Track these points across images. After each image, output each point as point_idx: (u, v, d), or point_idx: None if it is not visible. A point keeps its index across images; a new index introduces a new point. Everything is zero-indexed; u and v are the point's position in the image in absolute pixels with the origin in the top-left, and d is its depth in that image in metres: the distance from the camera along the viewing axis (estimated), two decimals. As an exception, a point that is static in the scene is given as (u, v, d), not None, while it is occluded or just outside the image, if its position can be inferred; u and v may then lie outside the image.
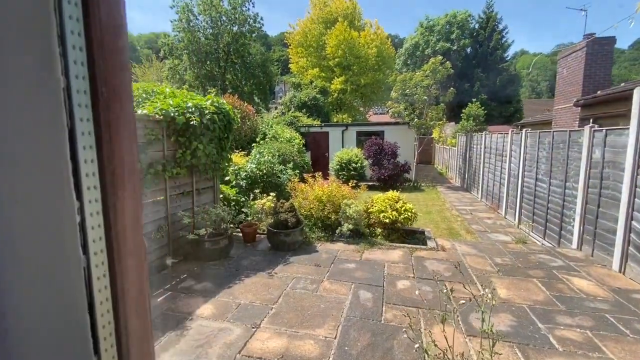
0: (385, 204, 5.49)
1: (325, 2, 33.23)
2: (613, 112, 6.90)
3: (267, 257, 4.52)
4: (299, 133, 15.84)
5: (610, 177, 4.40)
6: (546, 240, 6.13)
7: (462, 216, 8.52)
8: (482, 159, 10.58)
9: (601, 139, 4.59)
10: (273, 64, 49.07)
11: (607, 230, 4.44)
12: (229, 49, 39.87)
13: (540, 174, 6.49)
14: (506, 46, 27.77)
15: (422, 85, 12.91)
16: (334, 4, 32.28)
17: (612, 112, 6.79)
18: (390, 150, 12.97)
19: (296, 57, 36.52)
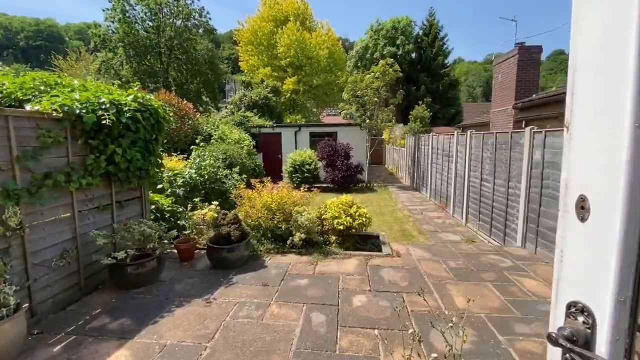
0: (339, 210, 5.18)
1: (276, 0, 32.52)
2: (544, 115, 7.41)
3: (206, 279, 3.91)
4: (250, 134, 15.08)
5: (551, 177, 4.57)
6: (492, 238, 6.33)
7: (413, 216, 8.60)
8: (430, 159, 10.90)
9: (541, 140, 4.76)
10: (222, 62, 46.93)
11: (548, 229, 4.60)
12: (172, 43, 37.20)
13: (485, 174, 6.71)
14: (447, 53, 29.65)
15: (373, 87, 13.01)
16: (284, 2, 31.73)
17: (543, 115, 7.27)
18: (343, 152, 12.85)
19: (246, 56, 35.27)
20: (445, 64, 30.13)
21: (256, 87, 23.50)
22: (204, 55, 38.78)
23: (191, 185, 5.72)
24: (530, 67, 11.24)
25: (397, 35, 30.48)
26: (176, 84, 37.26)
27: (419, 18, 40.19)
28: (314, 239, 4.88)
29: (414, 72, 29.68)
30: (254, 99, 21.71)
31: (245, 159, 9.97)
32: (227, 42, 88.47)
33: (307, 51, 31.74)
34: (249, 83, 24.57)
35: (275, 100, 23.35)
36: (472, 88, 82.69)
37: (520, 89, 11.41)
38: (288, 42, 31.17)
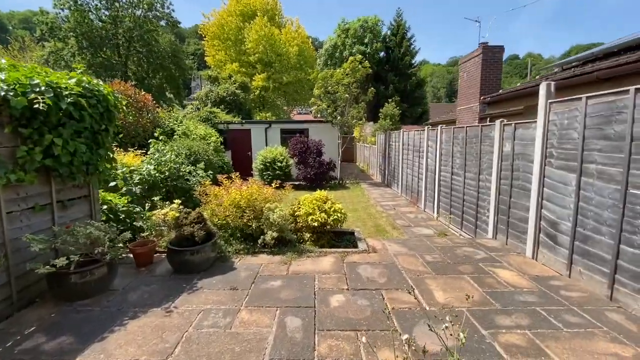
0: (313, 206, 4.94)
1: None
2: (508, 112, 7.66)
3: (167, 285, 3.51)
4: (217, 130, 14.43)
5: (520, 169, 4.64)
6: (464, 231, 6.42)
7: (386, 212, 8.58)
8: (401, 155, 10.99)
9: (511, 132, 4.83)
10: (187, 57, 44.74)
11: (519, 219, 4.68)
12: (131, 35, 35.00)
13: (456, 167, 6.79)
14: (414, 53, 30.46)
15: (343, 83, 12.91)
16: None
17: (508, 112, 7.50)
18: (315, 149, 12.64)
19: (212, 50, 33.97)
20: (413, 63, 30.95)
21: (223, 83, 22.62)
22: (167, 49, 36.91)
23: (150, 183, 5.20)
24: (493, 66, 11.69)
25: (366, 34, 30.83)
26: (136, 78, 35.12)
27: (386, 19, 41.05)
28: (287, 237, 4.61)
29: (382, 71, 30.17)
30: (221, 95, 20.86)
31: (212, 155, 9.42)
32: (193, 37, 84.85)
33: (277, 47, 31.18)
34: (215, 78, 23.60)
35: (243, 97, 22.62)
36: (436, 89, 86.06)
37: (485, 87, 11.82)
38: (257, 38, 30.41)
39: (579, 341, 2.45)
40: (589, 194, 3.43)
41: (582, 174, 3.52)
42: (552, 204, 3.99)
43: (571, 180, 3.68)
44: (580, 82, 4.16)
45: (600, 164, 3.29)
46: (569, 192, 3.72)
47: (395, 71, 29.65)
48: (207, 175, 6.19)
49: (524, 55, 79.00)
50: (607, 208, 3.20)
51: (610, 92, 3.13)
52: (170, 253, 3.77)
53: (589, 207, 3.43)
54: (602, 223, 3.26)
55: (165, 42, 38.22)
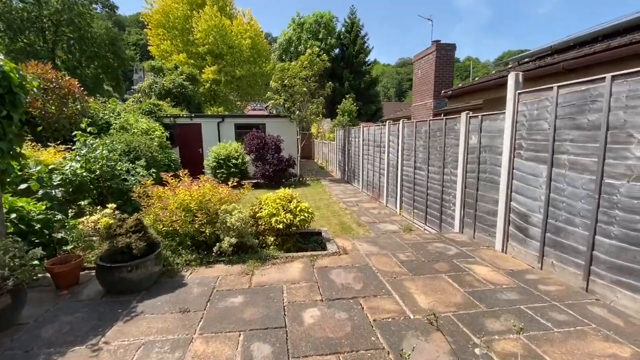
0: (277, 206, 4.43)
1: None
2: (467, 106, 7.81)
3: (96, 312, 2.78)
4: (162, 125, 13.09)
5: (488, 161, 4.59)
6: (428, 225, 6.36)
7: (349, 209, 8.33)
8: (361, 151, 10.86)
9: (477, 125, 4.77)
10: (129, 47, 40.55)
11: (487, 213, 4.64)
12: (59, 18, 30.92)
13: (419, 162, 6.71)
14: (368, 51, 30.92)
15: (301, 76, 12.44)
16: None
17: (468, 105, 7.64)
18: (274, 144, 12.02)
19: (156, 40, 31.23)
20: (367, 61, 31.42)
21: (169, 74, 20.79)
22: (103, 36, 33.22)
23: (76, 184, 4.26)
24: (446, 63, 12.09)
25: (320, 29, 30.57)
26: (66, 67, 31.12)
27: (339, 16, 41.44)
28: (247, 242, 4.04)
29: (338, 68, 30.17)
30: (167, 87, 19.14)
31: (156, 152, 8.37)
32: (134, 26, 77.72)
33: (228, 39, 29.61)
34: (159, 69, 21.61)
35: (192, 90, 21.02)
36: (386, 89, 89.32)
37: (438, 84, 12.19)
38: (206, 28, 28.57)
39: (574, 342, 2.30)
40: (561, 185, 3.40)
41: (554, 165, 3.48)
42: (522, 196, 3.96)
43: (542, 171, 3.65)
44: (545, 73, 4.21)
45: (572, 155, 3.25)
46: (539, 184, 3.68)
47: (350, 68, 29.82)
48: (149, 174, 5.33)
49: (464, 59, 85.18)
50: (580, 199, 3.17)
51: (583, 81, 3.09)
52: (101, 271, 3.02)
53: (561, 199, 3.40)
54: (575, 214, 3.23)
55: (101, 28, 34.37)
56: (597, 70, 3.79)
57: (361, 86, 30.05)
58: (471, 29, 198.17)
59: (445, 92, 6.51)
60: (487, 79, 5.14)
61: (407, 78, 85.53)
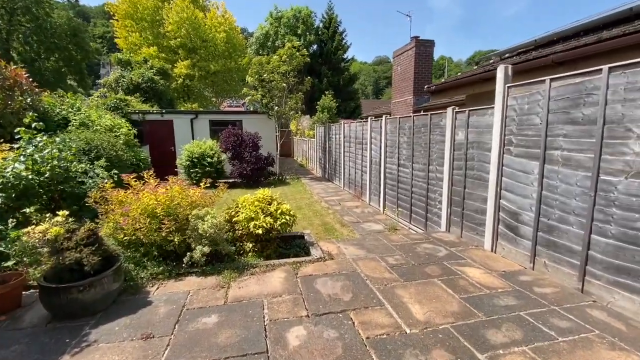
0: (256, 208, 4.06)
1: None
2: (451, 102, 7.72)
3: (39, 343, 2.32)
4: (130, 122, 12.25)
5: (476, 158, 4.44)
6: (413, 224, 6.20)
7: (332, 208, 8.06)
8: (342, 148, 10.61)
9: (464, 120, 4.61)
10: (95, 40, 37.99)
11: (475, 211, 4.50)
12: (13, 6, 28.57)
13: (403, 159, 6.53)
14: (346, 47, 30.77)
15: (280, 71, 12.00)
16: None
17: (451, 101, 7.54)
18: (251, 142, 11.52)
19: (124, 32, 29.53)
20: (345, 58, 31.25)
21: (137, 68, 19.62)
22: (64, 26, 30.97)
23: (19, 189, 3.69)
24: (425, 59, 12.04)
25: (299, 24, 30.06)
26: (22, 59, 28.81)
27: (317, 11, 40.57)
28: (223, 250, 3.66)
29: (316, 64, 29.82)
30: (135, 81, 18.03)
31: (122, 151, 7.71)
32: (100, 18, 73.43)
33: (201, 32, 28.49)
34: (127, 62, 20.35)
35: (164, 84, 19.96)
36: (364, 87, 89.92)
37: (418, 80, 12.14)
38: (177, 20, 27.33)
39: (582, 354, 2.13)
40: (553, 182, 3.27)
41: (546, 161, 3.35)
42: (512, 193, 3.82)
43: (533, 168, 3.51)
44: (533, 67, 4.11)
45: (566, 150, 3.12)
46: (530, 181, 3.55)
47: (328, 65, 29.56)
48: (110, 175, 4.78)
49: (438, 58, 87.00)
50: (575, 196, 3.04)
51: (578, 73, 2.95)
52: (44, 293, 2.55)
53: (554, 196, 3.27)
54: (569, 212, 3.10)
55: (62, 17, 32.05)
56: (587, 63, 3.71)
57: (340, 83, 29.89)
58: (443, 29, 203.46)
59: (429, 87, 6.37)
60: (472, 73, 5.02)
61: (384, 76, 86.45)
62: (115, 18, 29.51)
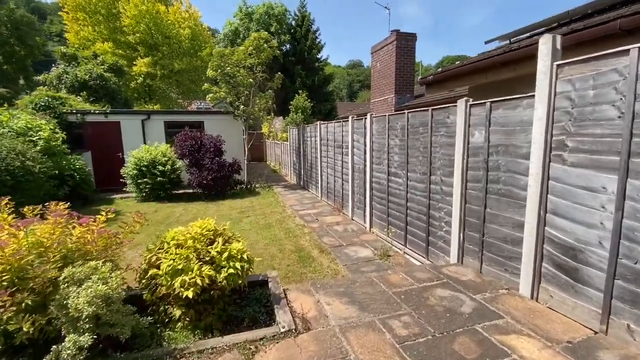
0: (187, 252, 2.61)
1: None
2: (451, 96, 6.61)
3: None
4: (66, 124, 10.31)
5: (502, 167, 3.25)
6: (410, 248, 4.96)
7: (308, 225, 6.69)
8: (319, 152, 9.29)
9: (483, 116, 3.42)
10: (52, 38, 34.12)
11: (502, 239, 3.30)
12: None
13: (394, 166, 5.30)
14: (320, 47, 29.56)
15: (246, 64, 10.50)
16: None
17: (452, 96, 6.42)
18: (213, 146, 9.91)
19: (75, 26, 26.68)
20: (319, 58, 30.08)
21: (84, 63, 17.32)
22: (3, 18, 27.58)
23: None
24: (407, 54, 11.03)
25: (272, 22, 28.53)
26: (-52, 53, 25.17)
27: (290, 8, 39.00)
28: (122, 333, 2.18)
29: (289, 63, 28.41)
30: (81, 78, 15.79)
31: (34, 161, 5.93)
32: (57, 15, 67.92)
33: (164, 28, 26.30)
34: (73, 57, 17.97)
35: (117, 82, 17.76)
36: (338, 89, 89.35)
37: (400, 77, 11.10)
38: (136, 14, 24.98)
39: None
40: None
41: (630, 174, 2.18)
42: (566, 220, 2.64)
43: (605, 184, 2.34)
44: (584, 39, 3.00)
45: (679, 159, 1.95)
46: (600, 203, 2.38)
47: (302, 64, 28.20)
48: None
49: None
50: (702, 234, 1.87)
51: None
52: None
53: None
54: (687, 258, 1.93)
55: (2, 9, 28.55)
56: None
57: (315, 84, 28.63)
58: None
59: (424, 78, 5.21)
60: (487, 56, 3.88)
61: (357, 80, 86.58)
62: (65, 10, 26.64)
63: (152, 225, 7.01)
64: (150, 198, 9.56)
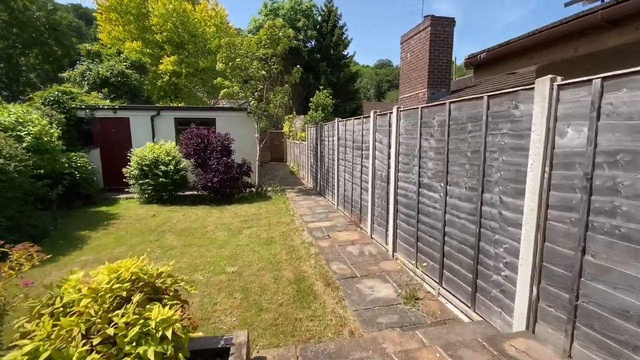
0: (74, 326, 1.52)
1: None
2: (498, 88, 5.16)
3: None
4: (76, 120, 9.87)
5: (623, 190, 1.88)
6: (445, 288, 3.64)
7: (316, 243, 5.50)
8: (336, 154, 8.08)
9: (587, 103, 2.06)
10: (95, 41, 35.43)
11: (616, 311, 1.93)
12: (-12, -4, 26.42)
13: (427, 176, 3.99)
14: (346, 43, 28.27)
15: (258, 55, 9.51)
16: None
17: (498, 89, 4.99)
18: (220, 145, 9.01)
19: (108, 26, 27.30)
20: (346, 54, 28.80)
21: (107, 60, 17.25)
22: (42, 19, 28.74)
23: None
24: (443, 42, 9.53)
25: (299, 17, 27.62)
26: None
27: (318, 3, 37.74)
28: None
29: (313, 60, 27.39)
30: (103, 75, 15.62)
31: (12, 159, 5.23)
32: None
33: (190, 26, 26.27)
34: (97, 54, 18.00)
35: (138, 79, 17.54)
36: (366, 89, 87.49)
37: (434, 69, 9.63)
38: (164, 12, 25.09)
39: None
40: None
41: None
42: None
43: None
44: None
45: None
46: None
47: (327, 61, 27.05)
48: None
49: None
50: None
51: None
52: None
53: None
54: None
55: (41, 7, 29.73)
56: None
57: (340, 81, 27.37)
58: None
59: (473, 56, 3.83)
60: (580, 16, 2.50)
61: (385, 79, 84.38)
62: (99, 11, 27.35)
63: (142, 234, 6.17)
64: (153, 200, 8.82)
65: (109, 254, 5.11)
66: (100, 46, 19.36)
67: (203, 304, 3.58)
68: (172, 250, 5.27)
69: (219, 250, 5.24)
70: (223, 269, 4.49)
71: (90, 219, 7.17)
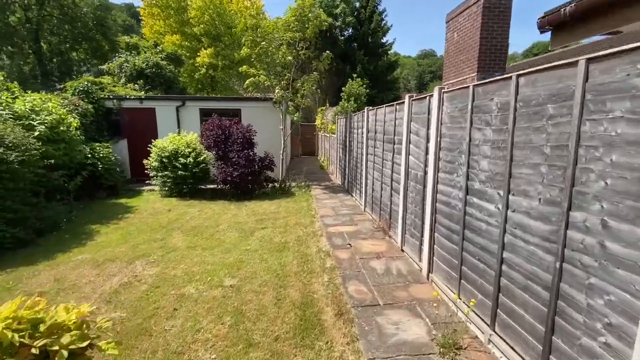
0: None
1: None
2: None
3: None
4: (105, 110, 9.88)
5: None
6: (501, 336, 2.62)
7: (335, 253, 4.66)
8: (364, 148, 7.12)
9: None
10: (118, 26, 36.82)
11: None
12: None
13: (479, 179, 2.96)
14: (386, 29, 26.61)
15: (284, 38, 8.75)
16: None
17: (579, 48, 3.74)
18: (241, 137, 8.45)
19: (150, 20, 28.18)
20: (384, 42, 27.17)
21: (144, 52, 17.57)
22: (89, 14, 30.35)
23: None
24: (498, 18, 8.04)
25: (337, 3, 26.45)
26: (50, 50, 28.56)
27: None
28: None
29: (350, 49, 26.15)
30: (138, 67, 15.89)
31: (14, 149, 4.99)
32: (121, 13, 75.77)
33: (226, 18, 26.29)
34: (135, 46, 18.42)
35: (173, 71, 17.70)
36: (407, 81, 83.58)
37: (486, 50, 8.19)
38: (201, 5, 25.31)
39: None
40: None
41: None
42: None
43: None
44: None
45: None
46: None
47: (364, 49, 25.67)
48: None
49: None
50: None
51: None
52: None
53: None
54: None
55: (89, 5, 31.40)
56: None
57: (377, 70, 25.88)
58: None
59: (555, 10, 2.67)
60: None
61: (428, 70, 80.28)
62: (142, 6, 28.29)
63: (151, 230, 5.77)
64: (173, 193, 8.52)
65: (109, 253, 4.70)
66: (139, 39, 19.80)
67: (184, 329, 2.92)
68: (173, 253, 4.74)
69: (224, 256, 4.61)
70: (221, 281, 3.83)
71: (106, 212, 6.96)
